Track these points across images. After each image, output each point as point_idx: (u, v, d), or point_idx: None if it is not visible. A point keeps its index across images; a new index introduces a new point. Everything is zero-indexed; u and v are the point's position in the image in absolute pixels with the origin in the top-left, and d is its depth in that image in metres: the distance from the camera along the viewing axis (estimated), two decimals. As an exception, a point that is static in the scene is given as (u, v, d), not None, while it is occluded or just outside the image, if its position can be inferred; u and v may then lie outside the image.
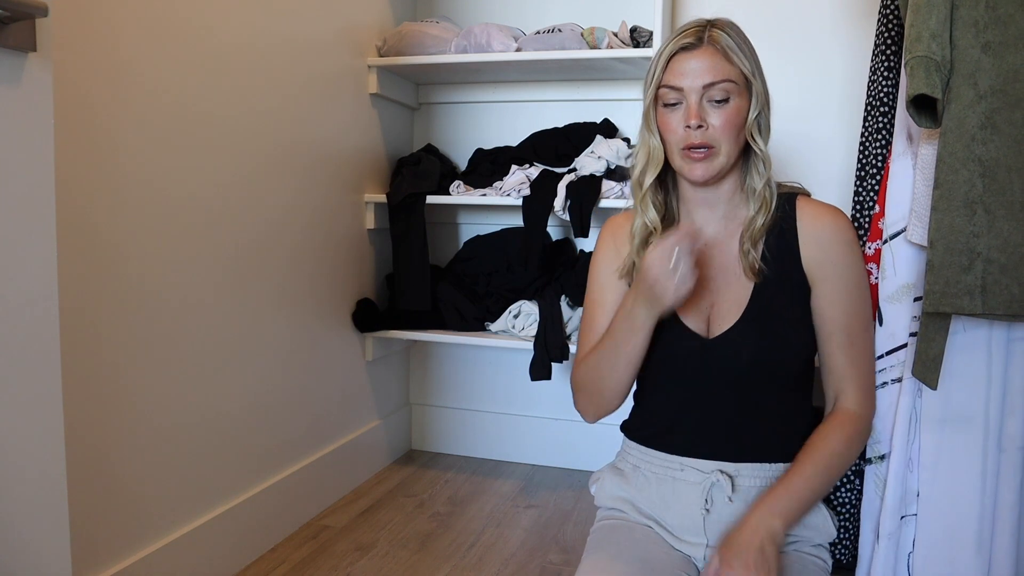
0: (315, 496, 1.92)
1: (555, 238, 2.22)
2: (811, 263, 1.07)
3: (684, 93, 1.03)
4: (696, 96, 1.03)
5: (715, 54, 1.03)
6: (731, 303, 1.08)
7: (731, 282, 1.09)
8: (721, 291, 1.09)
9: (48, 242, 0.93)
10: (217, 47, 1.51)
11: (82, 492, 1.22)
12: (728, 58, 1.03)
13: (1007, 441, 1.12)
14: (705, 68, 1.02)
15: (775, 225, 1.08)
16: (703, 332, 1.08)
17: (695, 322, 1.09)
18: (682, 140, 1.04)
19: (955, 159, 1.04)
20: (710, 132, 1.03)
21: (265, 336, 1.71)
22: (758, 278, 1.07)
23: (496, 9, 2.27)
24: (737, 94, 1.03)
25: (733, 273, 1.09)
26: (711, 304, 1.09)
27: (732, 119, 1.03)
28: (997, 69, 1.02)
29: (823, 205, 1.10)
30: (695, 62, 1.03)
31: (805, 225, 1.08)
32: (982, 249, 1.03)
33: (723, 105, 1.03)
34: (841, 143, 2.02)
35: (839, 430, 1.07)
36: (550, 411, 2.32)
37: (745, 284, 1.08)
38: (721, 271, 1.10)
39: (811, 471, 1.04)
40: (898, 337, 1.19)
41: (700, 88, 1.02)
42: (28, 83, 0.89)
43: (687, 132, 1.03)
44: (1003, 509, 1.13)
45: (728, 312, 1.08)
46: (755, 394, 1.08)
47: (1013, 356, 1.12)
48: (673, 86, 1.04)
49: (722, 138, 1.03)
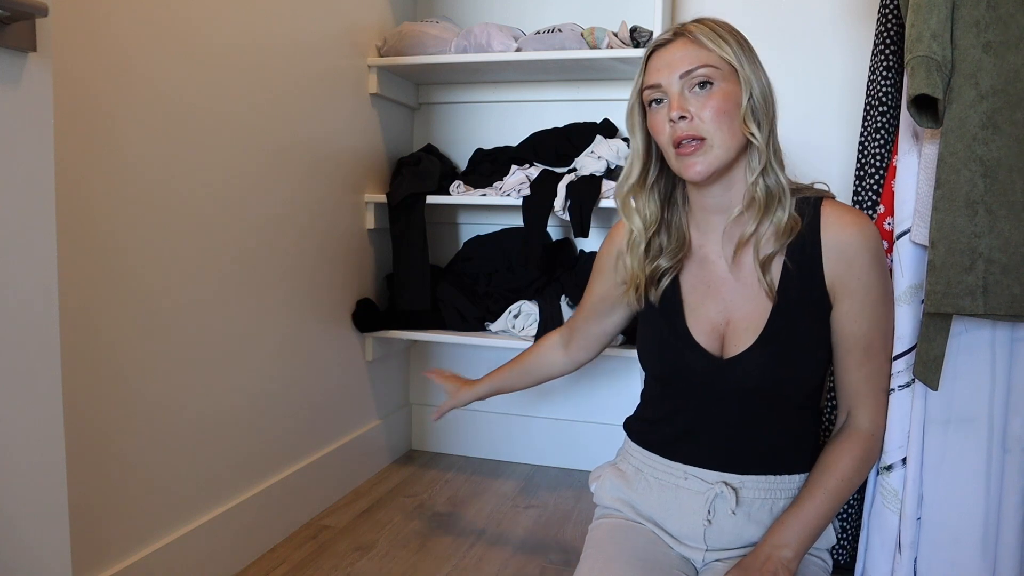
0: (315, 496, 1.92)
1: (555, 238, 2.22)
2: (834, 279, 1.01)
3: (664, 88, 1.00)
4: (676, 87, 0.99)
5: (689, 43, 0.99)
6: (747, 323, 1.03)
7: (748, 299, 1.04)
8: (737, 308, 1.04)
9: (48, 242, 0.93)
10: (217, 47, 1.51)
11: (82, 492, 1.22)
12: (703, 45, 0.99)
13: (1011, 442, 1.12)
14: (679, 58, 0.99)
15: (798, 236, 1.02)
16: (717, 351, 1.05)
17: (709, 341, 1.05)
18: (670, 137, 1.00)
19: (956, 159, 1.04)
20: (696, 123, 0.98)
21: (265, 336, 1.70)
22: (775, 299, 1.02)
23: (496, 9, 2.27)
24: (723, 79, 0.98)
25: (751, 289, 1.04)
26: (726, 322, 1.05)
27: (720, 105, 0.97)
28: (998, 69, 1.02)
29: (849, 213, 1.02)
30: (668, 55, 1.00)
31: (829, 237, 1.01)
32: (984, 249, 1.03)
33: (707, 90, 0.98)
34: (841, 143, 2.02)
35: (850, 453, 1.05)
36: (550, 411, 2.32)
37: (763, 302, 1.03)
38: (738, 287, 1.05)
39: (821, 498, 1.02)
40: (905, 341, 1.17)
41: (677, 79, 0.98)
42: (28, 83, 0.88)
43: (673, 127, 0.99)
44: (1008, 510, 1.12)
45: (744, 332, 1.03)
46: (765, 410, 1.06)
47: (1016, 356, 1.11)
48: (652, 84, 1.01)
49: (712, 127, 0.97)
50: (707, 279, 1.08)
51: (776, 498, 1.06)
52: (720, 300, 1.06)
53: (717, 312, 1.06)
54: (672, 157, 1.02)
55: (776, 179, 1.01)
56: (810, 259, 1.02)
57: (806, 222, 1.02)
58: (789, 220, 1.01)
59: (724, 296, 1.06)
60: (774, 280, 1.02)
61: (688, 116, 0.98)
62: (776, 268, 1.03)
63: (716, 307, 1.06)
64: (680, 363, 1.07)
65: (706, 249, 1.09)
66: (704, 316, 1.06)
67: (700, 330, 1.06)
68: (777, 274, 1.02)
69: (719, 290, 1.06)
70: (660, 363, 1.11)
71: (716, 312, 1.06)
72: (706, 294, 1.07)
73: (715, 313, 1.06)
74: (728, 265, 1.06)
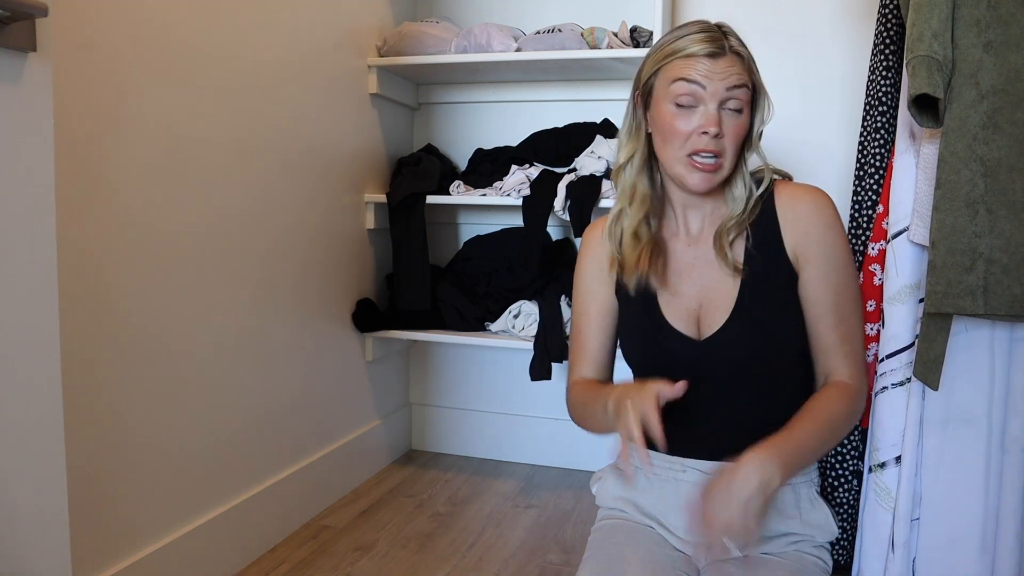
0: (315, 496, 1.92)
1: (555, 238, 2.22)
2: (795, 247, 1.05)
3: (705, 95, 1.00)
4: (716, 101, 1.00)
5: (739, 63, 1.01)
6: (719, 302, 1.06)
7: (718, 281, 1.07)
8: (709, 291, 1.08)
9: (48, 242, 0.93)
10: (217, 47, 1.51)
11: (82, 492, 1.22)
12: (749, 68, 1.02)
13: (1010, 442, 1.12)
14: (730, 73, 1.00)
15: (756, 216, 1.06)
16: (694, 334, 1.07)
17: (685, 325, 1.08)
18: (690, 145, 1.01)
19: (957, 159, 1.04)
20: (721, 141, 1.00)
21: (265, 336, 1.70)
22: (742, 274, 1.05)
23: (496, 9, 2.27)
24: (747, 105, 1.02)
25: (720, 271, 1.08)
26: (699, 305, 1.08)
27: (741, 132, 1.02)
28: (999, 69, 1.02)
29: (800, 187, 1.08)
30: (720, 66, 1.00)
31: (785, 210, 1.06)
32: (984, 249, 1.03)
33: (736, 115, 1.01)
34: (840, 143, 2.02)
35: (837, 394, 1.03)
36: (550, 411, 2.32)
37: (732, 281, 1.06)
38: (707, 270, 1.08)
39: (812, 427, 0.98)
40: (900, 339, 1.17)
41: (723, 92, 0.99)
42: (28, 83, 0.88)
43: (699, 137, 1.00)
44: (1007, 510, 1.12)
45: (717, 312, 1.06)
46: (753, 391, 1.06)
47: (1016, 356, 1.11)
48: (696, 81, 0.99)
49: (729, 149, 1.01)
50: (678, 266, 1.11)
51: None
52: (692, 284, 1.09)
53: (690, 297, 1.08)
54: (679, 160, 1.03)
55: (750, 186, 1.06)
56: (771, 233, 1.06)
57: (764, 202, 1.07)
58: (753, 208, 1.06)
59: (695, 280, 1.09)
60: (738, 258, 1.06)
61: (721, 135, 1.01)
62: (739, 246, 1.07)
63: (689, 292, 1.08)
64: (660, 350, 1.09)
65: (676, 237, 1.12)
66: (678, 302, 1.08)
67: (676, 316, 1.08)
68: (740, 252, 1.06)
69: (690, 275, 1.09)
70: (642, 353, 1.13)
71: (689, 297, 1.08)
72: (679, 281, 1.10)
73: (688, 298, 1.08)
74: (698, 250, 1.10)
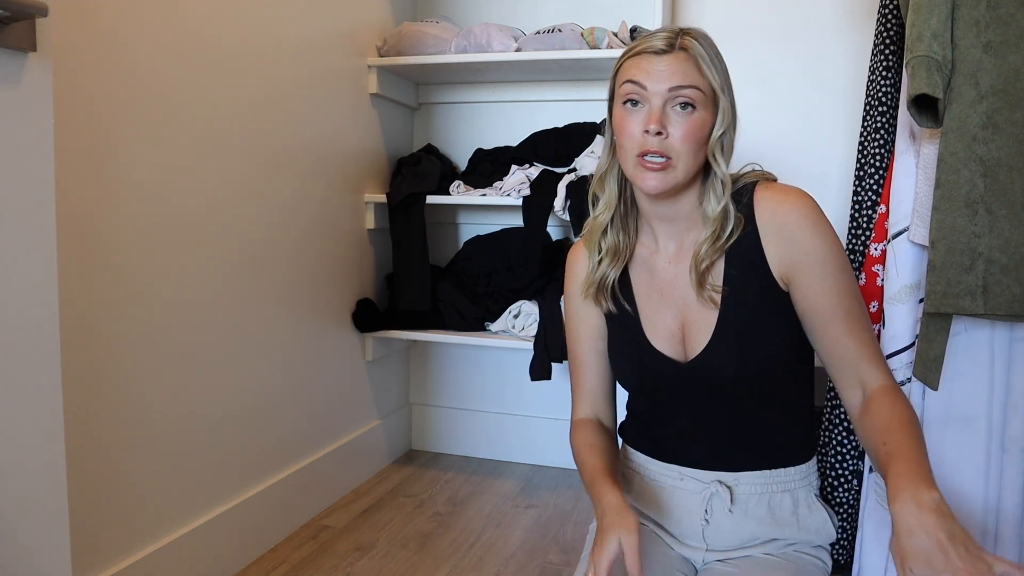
0: (315, 496, 1.92)
1: (555, 238, 2.22)
2: (780, 260, 1.00)
3: (648, 94, 0.97)
4: (660, 100, 0.96)
5: (686, 59, 0.97)
6: (700, 324, 1.03)
7: (698, 301, 1.03)
8: (690, 311, 1.04)
9: (48, 242, 0.93)
10: (217, 47, 1.51)
11: (82, 492, 1.22)
12: (699, 67, 0.97)
13: (1010, 442, 1.12)
14: (673, 71, 0.96)
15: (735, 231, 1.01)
16: (680, 356, 1.04)
17: (670, 346, 1.05)
18: (638, 145, 0.97)
19: (956, 159, 1.04)
20: (669, 141, 0.96)
21: (265, 336, 1.70)
22: (721, 298, 1.01)
23: (496, 9, 2.27)
24: (703, 106, 0.97)
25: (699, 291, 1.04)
26: (681, 325, 1.05)
27: (694, 131, 0.96)
28: (998, 69, 1.02)
29: (780, 192, 1.00)
30: (663, 64, 0.97)
31: (765, 222, 0.99)
32: (983, 249, 1.03)
33: (686, 113, 0.96)
34: (841, 143, 2.02)
35: (895, 402, 0.94)
36: (550, 411, 2.32)
37: (712, 302, 1.02)
38: (688, 290, 1.04)
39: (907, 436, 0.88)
40: (900, 339, 1.17)
41: (665, 92, 0.96)
42: (28, 83, 0.88)
43: (645, 137, 0.97)
44: (1006, 510, 1.13)
45: (699, 333, 1.03)
46: (745, 405, 1.05)
47: (1015, 356, 1.11)
48: (638, 82, 0.97)
49: (681, 150, 0.96)
50: (659, 286, 1.08)
51: (772, 492, 1.06)
52: (673, 305, 1.06)
53: (672, 317, 1.06)
54: (631, 163, 1.00)
55: (729, 204, 1.01)
56: (751, 248, 1.01)
57: (743, 213, 1.01)
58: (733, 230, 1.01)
59: (676, 300, 1.06)
60: (716, 281, 1.02)
61: (664, 133, 0.96)
62: (719, 266, 1.02)
63: (671, 312, 1.06)
64: (647, 372, 1.07)
65: (656, 256, 1.09)
66: (661, 323, 1.06)
67: (659, 337, 1.06)
68: (720, 274, 1.02)
69: (672, 296, 1.06)
70: (629, 374, 1.12)
71: (672, 317, 1.06)
72: (660, 301, 1.07)
73: (671, 319, 1.06)
74: (676, 268, 1.06)
